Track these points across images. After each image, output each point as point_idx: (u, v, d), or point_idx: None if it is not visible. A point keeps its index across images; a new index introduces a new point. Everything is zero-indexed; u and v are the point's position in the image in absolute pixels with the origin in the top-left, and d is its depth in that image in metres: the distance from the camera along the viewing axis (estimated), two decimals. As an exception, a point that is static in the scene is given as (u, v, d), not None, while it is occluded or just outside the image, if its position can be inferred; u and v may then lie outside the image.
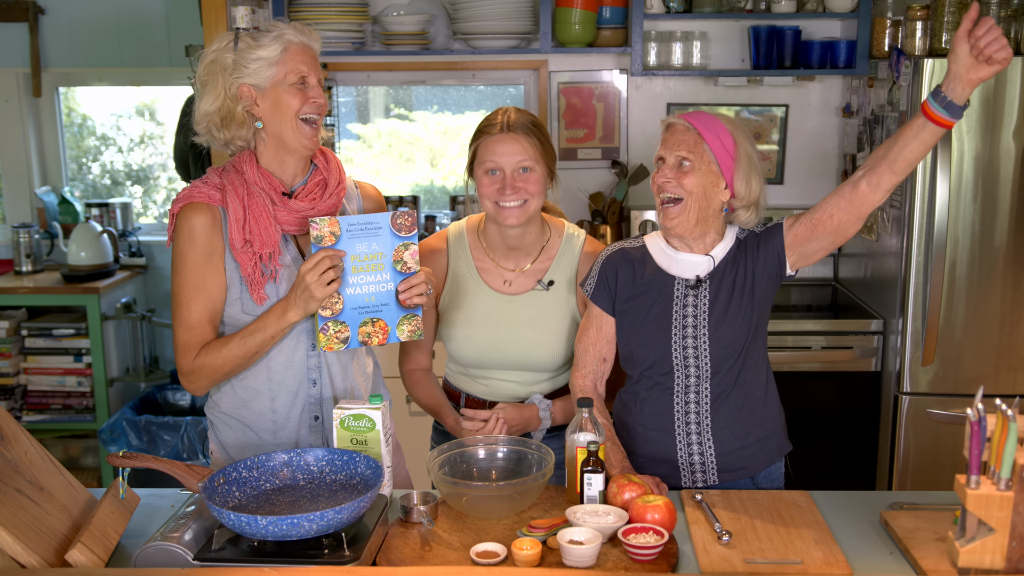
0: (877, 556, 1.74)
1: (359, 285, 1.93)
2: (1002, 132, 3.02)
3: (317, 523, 1.60)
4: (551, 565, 1.67)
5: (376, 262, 1.93)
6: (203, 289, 1.98)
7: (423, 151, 4.33)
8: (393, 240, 1.94)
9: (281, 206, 1.98)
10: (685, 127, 2.03)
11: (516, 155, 2.12)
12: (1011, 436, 1.50)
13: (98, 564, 1.67)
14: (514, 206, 2.13)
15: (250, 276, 1.96)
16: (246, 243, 1.95)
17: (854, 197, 1.94)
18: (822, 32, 3.71)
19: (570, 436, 1.92)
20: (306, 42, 1.98)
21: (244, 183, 1.98)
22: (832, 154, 3.87)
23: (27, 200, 4.34)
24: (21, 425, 1.84)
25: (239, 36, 1.95)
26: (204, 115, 1.99)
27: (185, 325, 1.99)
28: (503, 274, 2.26)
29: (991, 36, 1.78)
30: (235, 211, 1.96)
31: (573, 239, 2.27)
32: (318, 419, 2.08)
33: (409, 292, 1.95)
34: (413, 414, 3.40)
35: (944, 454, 3.16)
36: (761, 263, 2.06)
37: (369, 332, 1.95)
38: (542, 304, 2.24)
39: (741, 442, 2.08)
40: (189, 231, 1.97)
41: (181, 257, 1.99)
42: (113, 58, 4.18)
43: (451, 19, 3.66)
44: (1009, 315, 3.11)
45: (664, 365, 2.07)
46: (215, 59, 1.96)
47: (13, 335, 4.01)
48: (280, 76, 1.94)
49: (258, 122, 1.97)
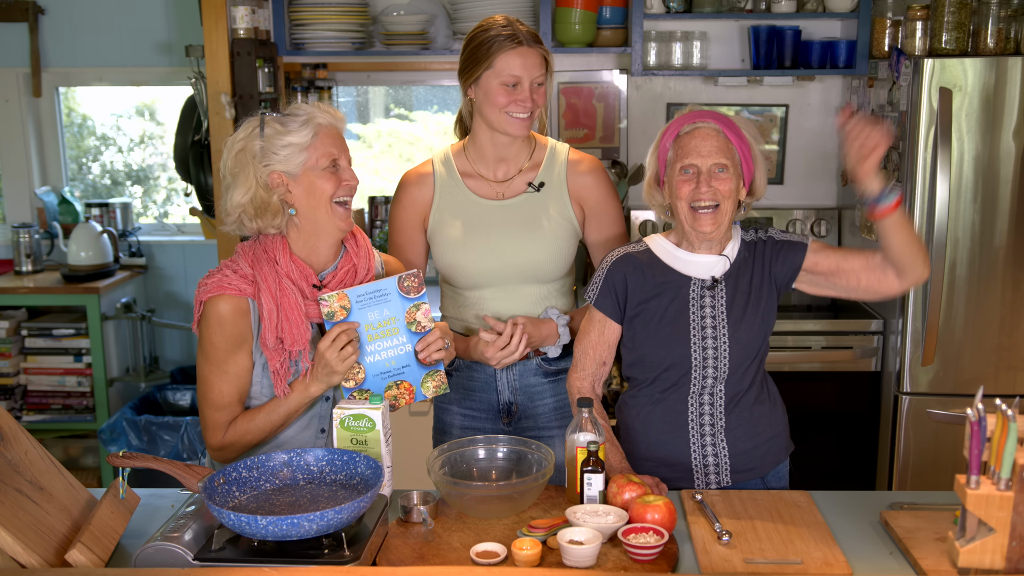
0: (877, 556, 1.74)
1: (377, 352, 1.97)
2: (1002, 132, 3.02)
3: (317, 523, 1.60)
4: (551, 565, 1.67)
5: (390, 327, 1.97)
6: (233, 373, 1.96)
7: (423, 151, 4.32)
8: (403, 303, 1.97)
9: (312, 301, 1.96)
10: (716, 131, 1.99)
11: (537, 68, 2.18)
12: (1011, 436, 1.50)
13: (98, 564, 1.67)
14: (524, 117, 2.18)
15: (277, 371, 1.95)
16: (278, 341, 1.94)
17: (883, 278, 1.98)
18: (822, 32, 3.71)
19: (570, 436, 1.92)
20: (333, 123, 1.96)
21: (276, 275, 1.94)
22: (832, 154, 3.87)
23: (27, 200, 4.33)
24: (21, 425, 1.83)
25: (265, 122, 1.92)
26: (236, 206, 1.93)
27: (214, 407, 1.97)
28: (493, 186, 2.28)
29: (857, 131, 1.85)
30: (269, 311, 1.93)
31: (557, 148, 2.32)
32: (324, 432, 2.08)
33: (427, 350, 1.98)
34: (413, 414, 3.40)
35: (944, 454, 3.16)
36: (779, 271, 2.05)
37: (396, 395, 2.00)
38: (535, 206, 2.25)
39: (753, 442, 2.08)
40: (219, 321, 1.92)
41: (210, 343, 1.94)
42: (113, 58, 4.18)
43: (451, 19, 3.66)
44: (1009, 315, 3.11)
45: (682, 367, 2.06)
46: (244, 148, 1.92)
47: (13, 335, 4.00)
48: (312, 161, 1.92)
49: (291, 209, 1.95)
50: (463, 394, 2.35)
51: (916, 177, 3.04)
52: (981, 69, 2.98)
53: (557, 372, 2.33)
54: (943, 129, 2.97)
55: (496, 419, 2.35)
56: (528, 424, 2.34)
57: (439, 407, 2.42)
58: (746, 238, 2.10)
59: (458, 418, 2.38)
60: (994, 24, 3.11)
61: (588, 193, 2.28)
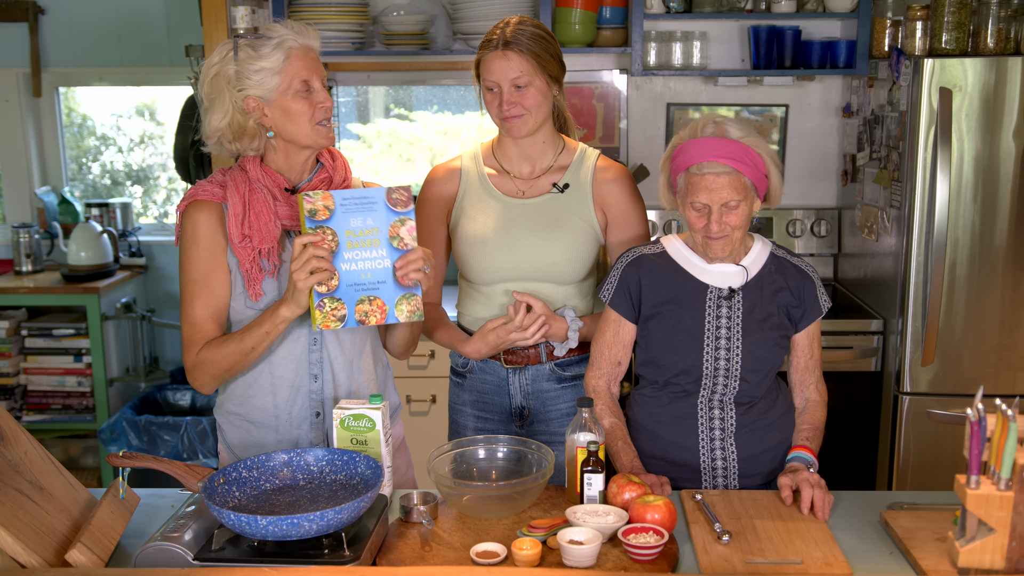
0: (877, 556, 1.74)
1: (354, 261, 1.88)
2: (1002, 132, 3.02)
3: (317, 523, 1.60)
4: (551, 565, 1.67)
5: (372, 238, 1.88)
6: (206, 286, 1.98)
7: (423, 151, 4.32)
8: (389, 215, 1.89)
9: (283, 201, 1.98)
10: (725, 172, 1.96)
11: (511, 72, 2.16)
12: (1011, 436, 1.50)
13: (98, 564, 1.67)
14: (514, 119, 2.19)
15: (248, 271, 1.96)
16: (244, 238, 1.95)
17: None
18: (822, 32, 3.71)
19: (570, 436, 1.92)
20: (306, 44, 1.97)
21: (247, 180, 1.98)
22: (832, 154, 3.87)
23: (27, 200, 4.33)
24: (21, 425, 1.83)
25: (238, 45, 1.94)
26: (215, 130, 1.97)
27: (189, 322, 1.99)
28: (517, 184, 2.28)
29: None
30: (234, 206, 1.96)
31: (587, 153, 2.32)
32: (319, 415, 2.08)
33: (406, 268, 1.89)
34: (413, 414, 3.40)
35: (944, 454, 3.16)
36: (796, 315, 2.08)
37: (367, 311, 1.89)
38: (558, 207, 2.26)
39: (762, 446, 2.08)
40: (193, 228, 1.98)
41: (186, 255, 1.99)
42: (113, 58, 4.18)
43: (451, 19, 3.66)
44: (1009, 315, 3.11)
45: (693, 374, 2.05)
46: (218, 72, 1.95)
47: (13, 335, 4.01)
48: (284, 86, 1.94)
49: (269, 132, 1.97)
50: (477, 396, 2.36)
51: (916, 177, 3.04)
52: (981, 69, 2.98)
53: (571, 378, 2.33)
54: (943, 129, 2.97)
55: (509, 422, 2.36)
56: (541, 428, 2.35)
57: (453, 408, 2.43)
58: (777, 253, 2.09)
59: (472, 420, 2.38)
60: (994, 24, 3.11)
61: (613, 200, 2.27)
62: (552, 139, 2.30)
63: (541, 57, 2.18)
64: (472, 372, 2.35)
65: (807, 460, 2.00)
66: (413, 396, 3.39)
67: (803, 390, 2.14)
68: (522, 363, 2.29)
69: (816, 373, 2.13)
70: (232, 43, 1.95)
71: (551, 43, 2.22)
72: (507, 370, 2.30)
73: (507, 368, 2.30)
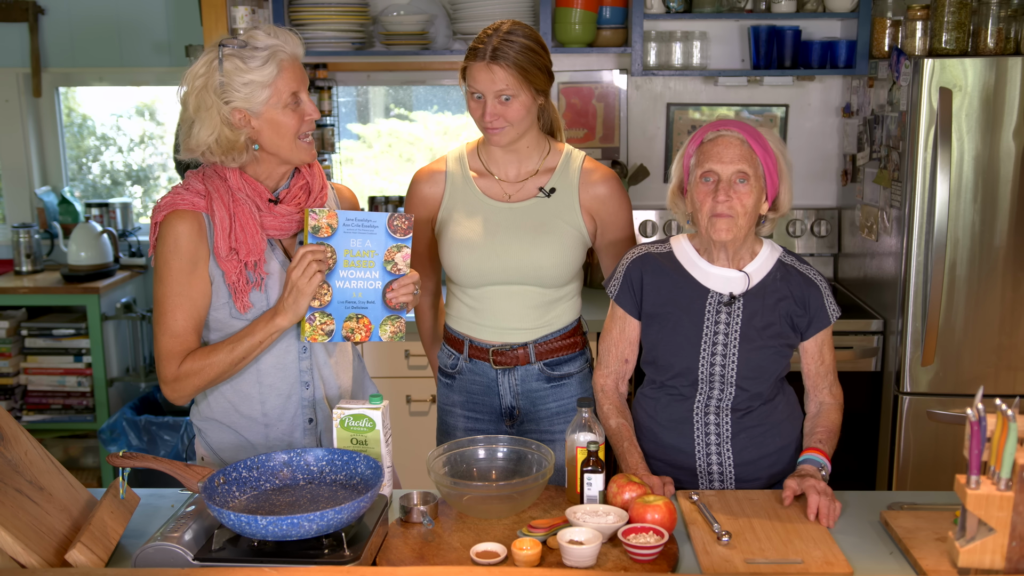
0: (877, 556, 1.74)
1: (348, 280, 1.96)
2: (1002, 132, 3.02)
3: (317, 523, 1.60)
4: (551, 565, 1.67)
5: (367, 259, 1.96)
6: (188, 297, 1.94)
7: (423, 151, 4.32)
8: (387, 240, 1.96)
9: (267, 212, 1.96)
10: (739, 139, 1.97)
11: (496, 84, 2.13)
12: (1011, 436, 1.50)
13: (98, 564, 1.67)
14: (496, 129, 2.17)
15: (234, 284, 1.94)
16: (231, 251, 1.93)
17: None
18: (822, 32, 3.71)
19: (570, 436, 1.92)
20: (295, 53, 1.94)
21: (228, 189, 1.95)
22: (832, 154, 3.87)
23: (27, 200, 4.33)
24: (21, 425, 1.83)
25: (223, 55, 1.88)
26: (201, 144, 1.92)
27: (170, 333, 1.95)
28: (503, 187, 2.27)
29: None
30: (221, 219, 1.93)
31: (572, 155, 2.31)
32: (312, 421, 2.08)
33: (398, 292, 1.97)
34: (413, 414, 3.40)
35: (944, 454, 3.16)
36: (802, 324, 2.07)
37: (353, 328, 1.98)
38: (544, 211, 2.25)
39: (760, 452, 2.08)
40: (175, 239, 1.93)
41: (166, 265, 1.94)
42: (113, 58, 4.18)
43: (451, 19, 3.66)
44: (1009, 315, 3.11)
45: (689, 377, 2.05)
46: (205, 84, 1.89)
47: (13, 335, 4.00)
48: (274, 99, 1.91)
49: (255, 145, 1.95)
50: (466, 397, 2.36)
51: (916, 177, 3.03)
52: (981, 69, 2.98)
53: (560, 377, 2.33)
54: (943, 129, 2.97)
55: (499, 422, 2.36)
56: (531, 427, 2.35)
57: (443, 409, 2.42)
58: (785, 260, 2.07)
59: (462, 420, 2.38)
60: (994, 24, 3.11)
61: (600, 204, 2.27)
62: (537, 142, 2.29)
63: (528, 71, 2.14)
64: (461, 373, 2.35)
65: (819, 462, 1.99)
66: (413, 396, 3.39)
67: (816, 394, 2.14)
68: (511, 364, 2.29)
69: (829, 377, 2.13)
70: (216, 52, 1.89)
71: (540, 55, 2.17)
72: (496, 371, 2.30)
73: (496, 369, 2.30)
